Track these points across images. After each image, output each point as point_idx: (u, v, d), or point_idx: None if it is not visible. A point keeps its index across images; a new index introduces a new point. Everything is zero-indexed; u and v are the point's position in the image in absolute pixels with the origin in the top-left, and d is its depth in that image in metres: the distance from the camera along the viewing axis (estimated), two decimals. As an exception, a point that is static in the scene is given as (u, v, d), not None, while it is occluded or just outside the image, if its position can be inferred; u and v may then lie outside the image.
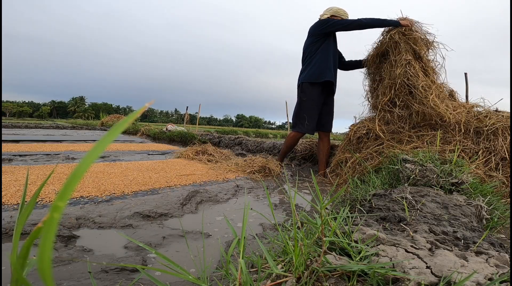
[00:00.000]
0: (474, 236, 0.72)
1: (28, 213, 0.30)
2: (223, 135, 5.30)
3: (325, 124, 2.60)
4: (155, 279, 0.47)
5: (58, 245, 0.92)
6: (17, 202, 1.26)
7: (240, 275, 0.48)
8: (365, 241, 0.62)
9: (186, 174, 2.17)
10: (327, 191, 1.95)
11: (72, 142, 4.39)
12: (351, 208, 1.07)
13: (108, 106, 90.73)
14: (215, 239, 1.06)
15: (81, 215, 1.16)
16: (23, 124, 9.19)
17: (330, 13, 2.43)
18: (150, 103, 0.23)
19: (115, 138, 0.19)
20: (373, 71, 2.47)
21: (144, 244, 0.60)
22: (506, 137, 1.81)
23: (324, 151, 2.55)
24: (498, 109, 2.07)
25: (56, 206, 0.17)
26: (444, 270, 0.50)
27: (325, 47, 2.42)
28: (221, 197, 1.64)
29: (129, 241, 0.98)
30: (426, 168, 1.31)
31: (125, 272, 0.79)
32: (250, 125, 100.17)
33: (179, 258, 0.90)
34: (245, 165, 2.56)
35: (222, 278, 0.61)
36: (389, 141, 2.09)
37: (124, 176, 1.93)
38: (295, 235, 0.52)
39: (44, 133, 6.27)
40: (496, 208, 1.15)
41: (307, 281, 0.49)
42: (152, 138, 6.22)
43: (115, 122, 10.63)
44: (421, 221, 0.81)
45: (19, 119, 19.84)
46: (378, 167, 1.85)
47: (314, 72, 2.43)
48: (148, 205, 1.36)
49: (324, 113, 2.58)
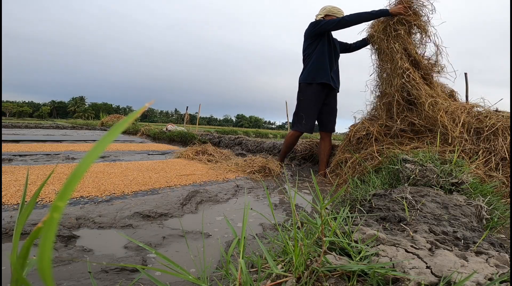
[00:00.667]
0: (474, 236, 0.72)
1: (28, 213, 0.30)
2: (223, 135, 5.30)
3: (327, 124, 2.60)
4: (155, 279, 0.47)
5: (58, 245, 0.92)
6: (17, 202, 1.26)
7: (240, 275, 0.48)
8: (365, 241, 0.62)
9: (186, 174, 2.17)
10: (327, 191, 1.95)
11: (72, 142, 4.39)
12: (351, 208, 1.07)
13: (108, 106, 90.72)
14: (215, 239, 1.06)
15: (81, 215, 1.16)
16: (23, 124, 9.19)
17: (324, 12, 2.46)
18: (150, 103, 0.23)
19: (115, 138, 0.19)
20: (377, 46, 2.39)
21: (144, 244, 0.60)
22: (506, 137, 1.81)
23: (325, 151, 2.56)
24: (498, 109, 2.07)
25: (56, 206, 0.17)
26: (444, 270, 0.50)
27: (320, 48, 2.45)
28: (221, 197, 1.64)
29: (129, 241, 0.98)
30: (426, 168, 1.31)
31: (125, 272, 0.79)
32: (250, 125, 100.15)
33: (179, 258, 0.90)
34: (245, 165, 2.56)
35: (222, 278, 0.61)
36: (389, 145, 2.09)
37: (124, 176, 1.93)
38: (295, 235, 0.52)
39: (44, 133, 6.27)
40: (496, 208, 1.15)
41: (307, 281, 0.49)
42: (152, 138, 6.22)
43: (115, 122, 10.63)
44: (421, 221, 0.81)
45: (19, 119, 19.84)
46: (378, 167, 1.85)
47: (309, 73, 2.47)
48: (148, 205, 1.36)
49: (325, 113, 2.58)
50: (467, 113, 2.03)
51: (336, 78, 2.57)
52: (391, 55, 2.17)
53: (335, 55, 2.55)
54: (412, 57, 2.16)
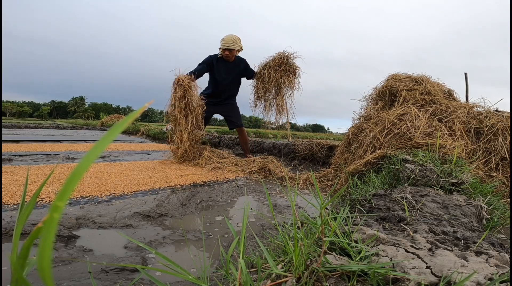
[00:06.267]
0: (474, 236, 0.72)
1: (28, 213, 0.30)
2: (223, 135, 5.29)
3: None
4: (155, 279, 0.47)
5: (58, 245, 0.92)
6: (17, 202, 1.26)
7: (240, 275, 0.48)
8: (365, 241, 0.62)
9: (186, 174, 2.17)
10: (327, 191, 1.94)
11: (72, 142, 4.39)
12: (351, 208, 1.07)
13: (108, 106, 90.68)
14: (215, 239, 1.06)
15: (81, 215, 1.16)
16: (23, 124, 9.18)
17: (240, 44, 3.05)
18: (150, 103, 0.23)
19: (115, 138, 0.19)
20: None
21: (144, 244, 0.60)
22: (506, 137, 1.81)
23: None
24: (498, 109, 2.07)
25: (56, 206, 0.17)
26: (444, 270, 0.50)
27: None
28: (221, 197, 1.64)
29: (129, 241, 0.98)
30: (426, 168, 1.31)
31: (125, 272, 0.79)
32: (250, 125, 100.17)
33: (179, 258, 0.90)
34: (245, 165, 2.56)
35: (222, 278, 0.61)
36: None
37: (124, 176, 1.93)
38: (295, 235, 0.52)
39: (44, 133, 6.27)
40: (496, 208, 1.15)
41: (307, 281, 0.49)
42: (152, 138, 6.22)
43: (115, 122, 10.62)
44: (421, 221, 0.81)
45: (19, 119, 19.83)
46: (378, 167, 1.85)
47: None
48: (148, 205, 1.36)
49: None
50: (467, 113, 2.03)
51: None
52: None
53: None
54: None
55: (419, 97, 2.18)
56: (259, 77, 3.11)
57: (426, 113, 2.01)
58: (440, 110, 2.04)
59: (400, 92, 2.29)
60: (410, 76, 2.45)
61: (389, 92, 2.39)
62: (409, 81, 2.37)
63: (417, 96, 2.19)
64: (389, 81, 2.46)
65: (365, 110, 2.50)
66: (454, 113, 1.99)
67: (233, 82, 3.14)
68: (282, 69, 2.99)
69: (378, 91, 2.51)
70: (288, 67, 3.01)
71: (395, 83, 2.38)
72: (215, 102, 3.19)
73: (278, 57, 3.02)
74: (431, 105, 2.12)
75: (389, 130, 1.95)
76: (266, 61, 3.10)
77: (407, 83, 2.34)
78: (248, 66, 3.16)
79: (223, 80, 3.06)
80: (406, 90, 2.28)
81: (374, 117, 2.23)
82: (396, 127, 1.93)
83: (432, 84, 2.30)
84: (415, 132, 1.83)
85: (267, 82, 3.02)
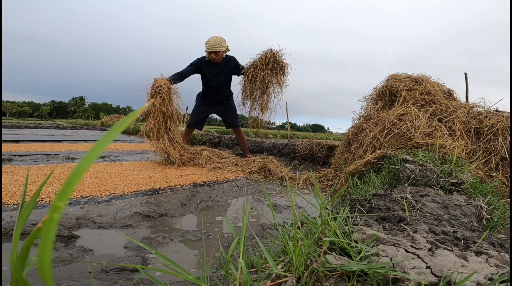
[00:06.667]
0: (474, 236, 0.72)
1: (28, 213, 0.30)
2: (223, 135, 5.29)
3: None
4: (155, 279, 0.47)
5: (58, 245, 0.92)
6: (17, 202, 1.26)
7: (240, 275, 0.48)
8: (365, 241, 0.62)
9: (186, 174, 2.17)
10: (327, 191, 1.94)
11: (72, 142, 4.39)
12: (351, 208, 1.07)
13: (108, 106, 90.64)
14: (215, 239, 1.06)
15: (81, 215, 1.16)
16: (23, 124, 9.18)
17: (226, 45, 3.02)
18: (150, 103, 0.23)
19: (115, 138, 0.19)
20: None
21: (144, 244, 0.60)
22: (506, 137, 1.81)
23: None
24: (498, 109, 2.07)
25: (56, 206, 0.17)
26: (444, 270, 0.50)
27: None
28: (221, 197, 1.64)
29: (129, 241, 0.98)
30: (426, 168, 1.31)
31: (125, 272, 0.79)
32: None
33: (179, 258, 0.90)
34: (245, 165, 2.56)
35: (222, 278, 0.61)
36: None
37: (124, 176, 1.93)
38: (295, 235, 0.52)
39: (44, 133, 6.27)
40: (496, 208, 1.15)
41: (307, 281, 0.49)
42: (152, 138, 6.20)
43: (115, 122, 10.62)
44: (421, 221, 0.81)
45: (19, 119, 19.84)
46: (378, 167, 1.85)
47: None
48: (148, 205, 1.36)
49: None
50: (467, 113, 2.03)
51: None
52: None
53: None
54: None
55: (419, 97, 2.18)
56: (247, 76, 3.07)
57: (426, 113, 2.01)
58: (440, 110, 2.04)
59: (400, 92, 2.29)
60: (410, 76, 2.45)
61: (389, 92, 2.39)
62: (409, 81, 2.37)
63: (417, 96, 2.19)
64: (389, 81, 2.47)
65: (365, 110, 2.50)
66: (454, 113, 1.99)
67: (224, 82, 3.11)
68: (270, 67, 2.94)
69: (378, 91, 2.51)
70: (276, 64, 2.96)
71: (395, 83, 2.38)
72: (210, 103, 3.18)
73: (266, 55, 2.96)
74: (431, 105, 2.12)
75: (389, 130, 1.95)
76: (254, 60, 3.04)
77: (407, 83, 2.34)
78: (237, 63, 3.11)
79: (214, 81, 3.04)
80: (406, 90, 2.28)
81: (374, 117, 2.23)
82: (396, 127, 1.93)
83: (432, 84, 2.30)
84: (415, 132, 1.83)
85: (253, 81, 2.98)
